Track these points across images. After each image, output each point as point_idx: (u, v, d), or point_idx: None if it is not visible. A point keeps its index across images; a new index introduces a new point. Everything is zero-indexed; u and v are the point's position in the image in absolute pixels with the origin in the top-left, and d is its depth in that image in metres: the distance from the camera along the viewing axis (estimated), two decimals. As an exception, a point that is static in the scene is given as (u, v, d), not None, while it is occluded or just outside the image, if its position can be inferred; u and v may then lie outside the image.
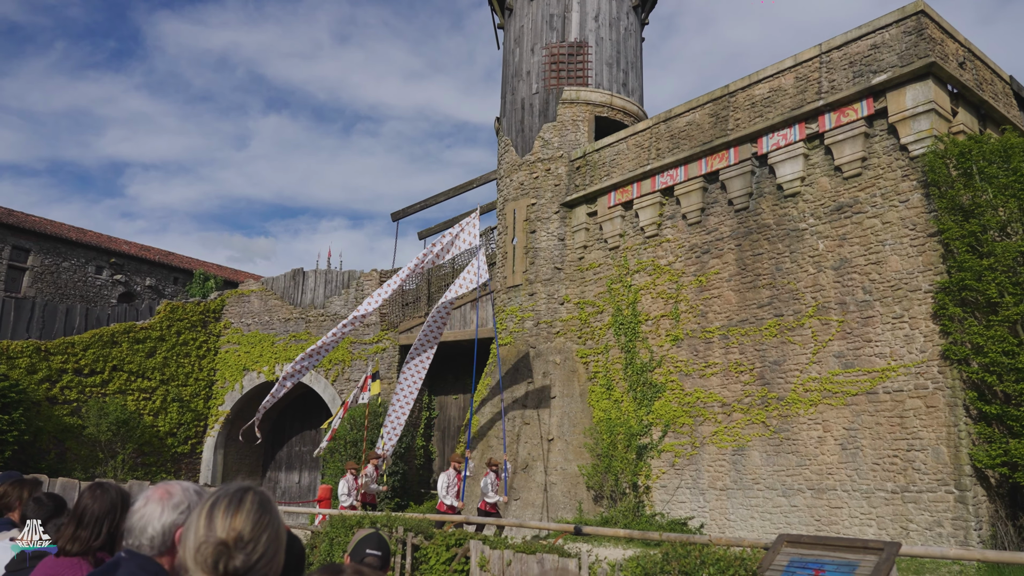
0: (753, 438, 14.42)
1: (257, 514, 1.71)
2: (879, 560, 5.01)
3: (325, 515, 14.73)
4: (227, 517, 1.69)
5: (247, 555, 1.65)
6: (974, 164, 11.86)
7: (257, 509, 1.72)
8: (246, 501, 1.73)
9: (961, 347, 11.86)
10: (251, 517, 1.70)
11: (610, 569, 6.48)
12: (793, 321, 14.24)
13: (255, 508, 1.72)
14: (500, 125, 21.59)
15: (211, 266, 35.01)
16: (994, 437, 11.40)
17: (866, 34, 13.82)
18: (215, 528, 1.67)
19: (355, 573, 1.56)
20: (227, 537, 1.66)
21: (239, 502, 1.72)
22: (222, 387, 24.53)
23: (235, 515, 1.69)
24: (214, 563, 1.62)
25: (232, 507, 1.71)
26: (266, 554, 1.69)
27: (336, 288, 24.09)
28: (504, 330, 19.58)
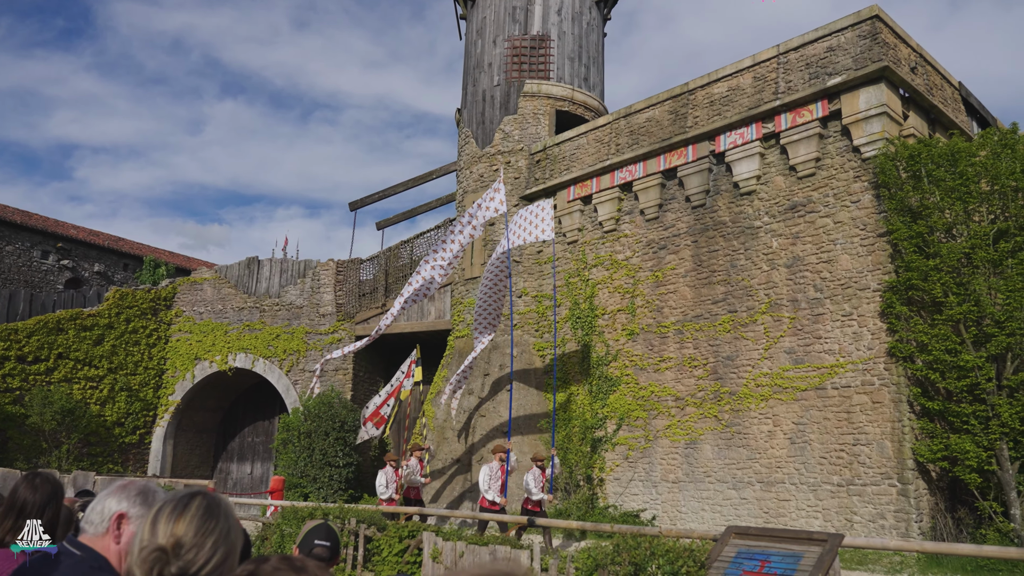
0: (705, 432, 14.64)
1: (202, 520, 1.71)
2: (823, 551, 5.12)
3: (277, 507, 14.57)
4: (169, 523, 1.69)
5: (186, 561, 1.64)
6: (923, 167, 12.17)
7: (202, 515, 1.72)
8: (191, 507, 1.72)
9: (907, 345, 12.18)
10: (194, 523, 1.69)
11: (562, 561, 6.52)
12: (746, 317, 14.47)
13: (200, 513, 1.72)
14: (461, 116, 21.50)
15: (163, 253, 34.27)
16: (936, 432, 11.74)
17: (822, 37, 14.07)
18: (157, 534, 1.68)
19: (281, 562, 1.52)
20: (166, 543, 1.66)
21: (183, 508, 1.72)
22: (173, 376, 24.06)
23: (177, 521, 1.69)
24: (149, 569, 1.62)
25: (175, 513, 1.71)
26: (212, 559, 1.68)
27: (292, 277, 23.78)
28: (461, 322, 19.55)
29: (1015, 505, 10.84)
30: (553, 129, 19.90)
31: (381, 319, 16.16)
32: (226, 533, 1.73)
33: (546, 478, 13.18)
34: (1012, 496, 10.88)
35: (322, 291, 23.03)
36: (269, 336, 23.22)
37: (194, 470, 24.25)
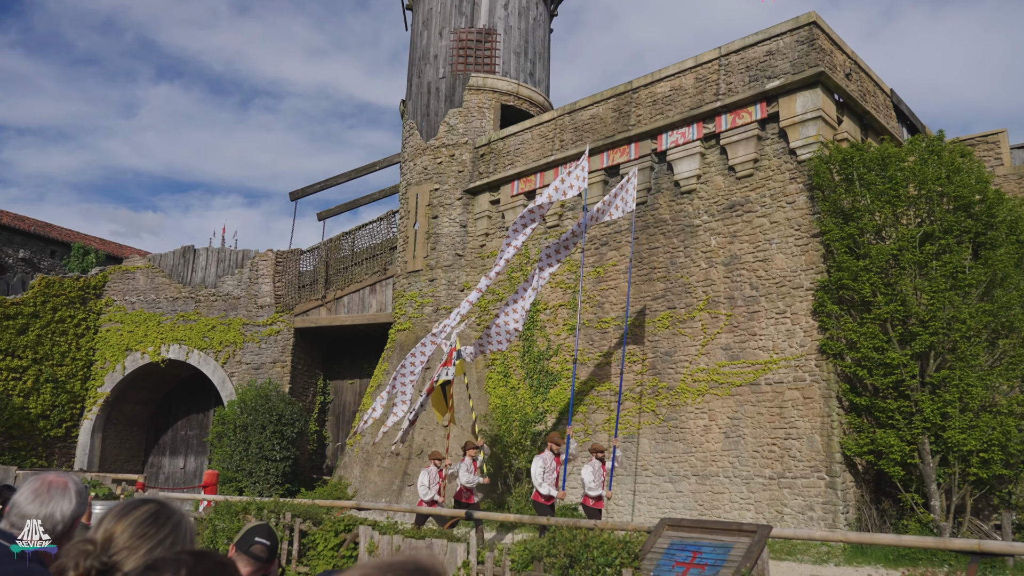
0: (643, 426, 14.86)
1: (142, 525, 1.72)
2: (752, 542, 5.25)
3: (210, 501, 14.25)
4: (111, 521, 1.72)
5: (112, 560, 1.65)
6: (855, 171, 12.56)
7: (145, 520, 1.73)
8: (137, 511, 1.75)
9: (837, 342, 12.57)
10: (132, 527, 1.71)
11: (498, 554, 6.54)
12: (685, 314, 14.72)
13: (143, 519, 1.73)
14: (405, 108, 21.32)
15: (93, 240, 33.09)
16: (863, 427, 12.16)
17: (762, 40, 14.38)
18: (97, 531, 1.70)
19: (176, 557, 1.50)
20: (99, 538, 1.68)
21: (129, 511, 1.75)
22: (102, 368, 23.27)
23: (119, 521, 1.71)
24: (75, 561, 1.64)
25: (119, 515, 1.74)
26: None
27: (229, 267, 23.24)
28: (403, 315, 19.42)
29: (935, 497, 11.30)
30: (498, 123, 19.89)
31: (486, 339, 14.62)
32: (167, 544, 1.72)
33: (607, 472, 12.13)
34: (932, 488, 11.34)
35: (260, 282, 22.58)
36: (205, 327, 22.67)
37: (123, 464, 23.53)
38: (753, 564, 5.25)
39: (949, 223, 11.82)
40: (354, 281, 21.47)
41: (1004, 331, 11.71)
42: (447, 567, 6.75)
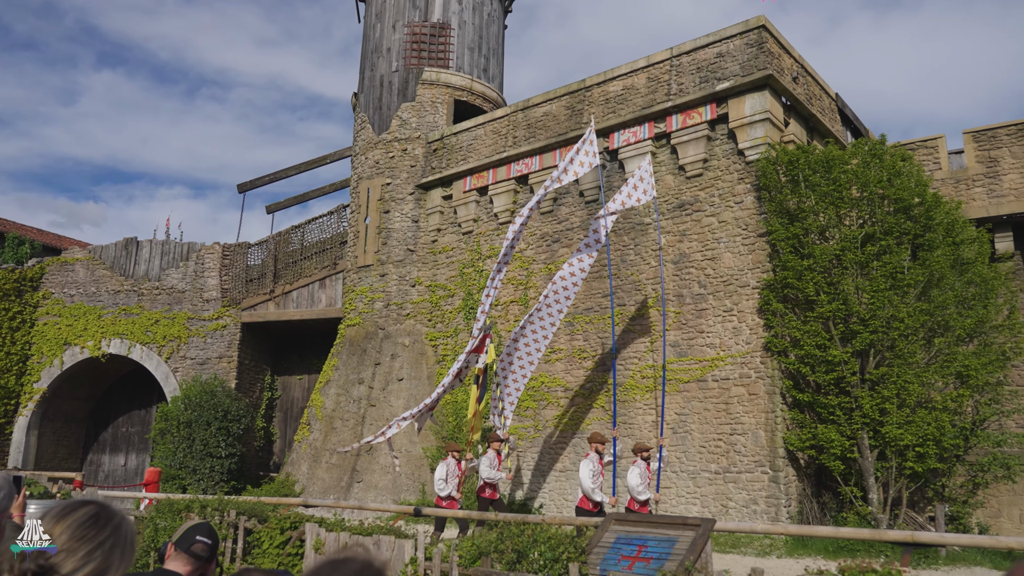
0: (593, 422, 14.97)
1: (82, 527, 1.69)
2: (696, 535, 5.33)
3: (152, 499, 13.91)
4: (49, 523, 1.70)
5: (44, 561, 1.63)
6: (800, 172, 12.84)
7: (85, 522, 1.70)
8: (76, 513, 1.72)
9: (781, 340, 12.85)
10: (71, 529, 1.68)
11: (446, 549, 6.52)
12: (634, 311, 14.88)
13: (82, 521, 1.70)
14: (357, 101, 21.08)
15: (30, 230, 31.96)
16: (805, 423, 12.45)
17: (713, 42, 14.59)
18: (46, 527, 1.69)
19: None
20: None
21: (68, 513, 1.72)
22: (39, 362, 22.51)
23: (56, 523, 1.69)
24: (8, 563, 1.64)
25: (58, 516, 1.71)
26: (82, 569, 1.65)
27: (174, 260, 22.70)
28: (353, 310, 19.22)
29: (873, 490, 11.64)
30: (451, 118, 19.81)
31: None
32: (107, 547, 1.70)
33: (652, 473, 11.48)
34: (870, 482, 11.68)
35: (206, 275, 22.10)
36: (148, 321, 22.10)
37: (61, 462, 22.81)
38: (697, 557, 5.33)
39: (889, 225, 12.17)
40: (303, 275, 21.17)
41: (940, 330, 12.11)
42: (394, 563, 6.71)
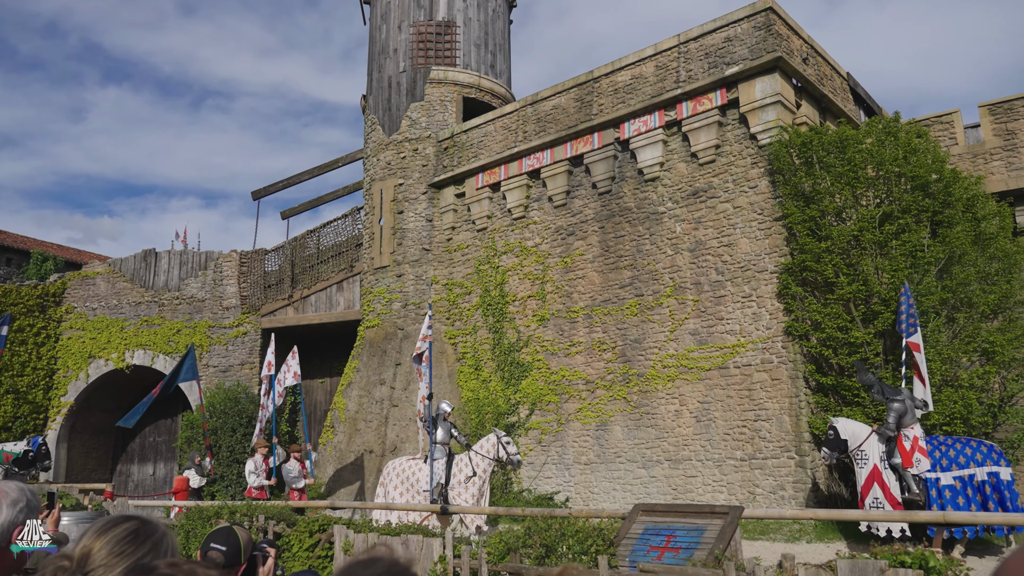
0: (615, 413, 14.95)
1: (122, 544, 1.73)
2: (724, 523, 5.31)
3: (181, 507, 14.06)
4: (90, 538, 1.73)
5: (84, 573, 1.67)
6: (814, 154, 12.73)
7: (124, 538, 1.73)
8: (117, 529, 1.75)
9: (802, 324, 12.76)
10: (110, 544, 1.72)
11: (475, 546, 6.54)
12: (652, 301, 14.83)
13: (123, 536, 1.74)
14: (366, 103, 21.13)
15: (51, 246, 32.34)
16: (830, 406, 12.36)
17: (720, 27, 14.48)
18: (76, 547, 1.72)
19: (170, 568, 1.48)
20: (77, 554, 1.70)
21: (108, 528, 1.75)
22: (64, 376, 22.79)
23: (98, 538, 1.72)
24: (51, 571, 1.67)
25: (98, 532, 1.75)
26: None
27: (192, 270, 22.88)
28: (371, 312, 19.30)
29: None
30: (460, 116, 19.81)
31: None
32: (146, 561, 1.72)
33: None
34: (898, 463, 11.56)
35: (225, 283, 22.26)
36: (169, 331, 22.30)
37: (91, 474, 23.08)
38: (726, 545, 5.31)
39: (907, 203, 12.03)
40: (321, 279, 21.27)
41: (963, 307, 11.97)
42: (423, 561, 6.74)
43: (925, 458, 9.58)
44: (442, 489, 11.91)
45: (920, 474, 9.63)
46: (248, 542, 2.91)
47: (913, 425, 9.87)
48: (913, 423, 9.86)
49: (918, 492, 9.56)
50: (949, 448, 9.69)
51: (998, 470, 9.30)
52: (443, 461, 12.23)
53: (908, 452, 9.63)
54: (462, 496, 11.77)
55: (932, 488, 9.52)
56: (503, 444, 12.04)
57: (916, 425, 9.88)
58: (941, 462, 9.66)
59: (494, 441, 12.17)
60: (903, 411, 9.88)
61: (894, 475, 9.84)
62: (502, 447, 12.03)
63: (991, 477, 9.29)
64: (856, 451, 10.10)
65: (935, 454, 9.67)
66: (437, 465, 12.19)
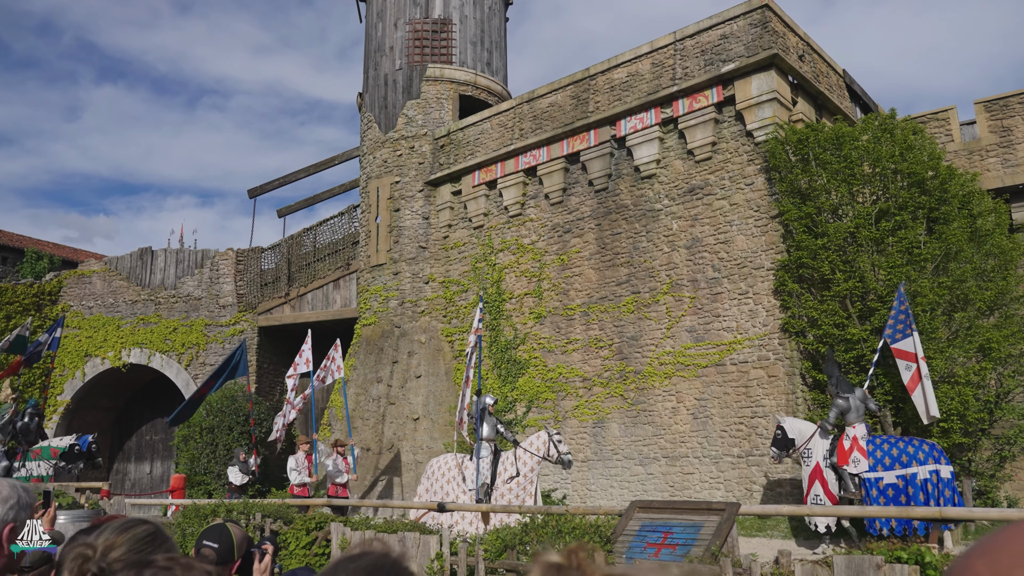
0: (612, 411, 14.96)
1: (141, 543, 1.83)
2: (721, 520, 5.31)
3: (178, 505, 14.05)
4: (112, 533, 1.84)
5: (105, 565, 1.73)
6: (811, 151, 12.73)
7: (144, 539, 1.85)
8: (136, 529, 1.88)
9: (798, 320, 12.77)
10: (132, 542, 1.82)
11: (471, 543, 6.54)
12: (649, 298, 14.83)
13: (143, 536, 1.86)
14: (363, 101, 21.10)
15: (46, 244, 32.28)
16: (826, 403, 12.36)
17: (716, 24, 14.48)
18: (99, 539, 1.81)
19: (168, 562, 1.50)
20: (101, 545, 1.78)
21: (129, 528, 1.88)
22: (61, 375, 22.75)
23: (120, 535, 1.83)
24: (73, 563, 1.74)
25: (120, 530, 1.87)
26: None
27: (189, 268, 22.84)
28: (368, 310, 19.28)
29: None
30: (457, 114, 19.79)
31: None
32: None
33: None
34: (894, 459, 11.59)
35: (221, 281, 22.23)
36: (166, 330, 22.26)
37: (87, 472, 23.03)
38: (723, 542, 5.31)
39: (904, 199, 12.04)
40: (317, 277, 21.25)
41: (960, 304, 11.99)
42: (420, 559, 6.73)
43: (864, 458, 9.80)
44: (488, 489, 11.22)
45: (859, 473, 9.84)
46: (242, 539, 2.89)
47: (856, 424, 10.10)
48: (857, 422, 10.10)
49: (854, 491, 9.81)
50: (892, 447, 9.92)
51: (939, 468, 9.55)
52: (489, 459, 11.52)
53: (846, 451, 9.90)
54: (505, 497, 11.03)
55: (873, 487, 9.75)
56: (554, 442, 11.26)
57: (860, 425, 10.14)
58: (884, 461, 9.86)
59: (544, 438, 11.39)
60: (846, 408, 10.17)
61: (834, 473, 10.06)
62: (552, 445, 11.25)
63: (932, 475, 9.49)
64: (803, 449, 10.42)
65: (877, 454, 9.90)
66: (483, 463, 11.44)
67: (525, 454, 11.31)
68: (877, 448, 9.98)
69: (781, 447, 10.57)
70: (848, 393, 10.38)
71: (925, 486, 9.50)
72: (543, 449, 11.32)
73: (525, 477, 11.16)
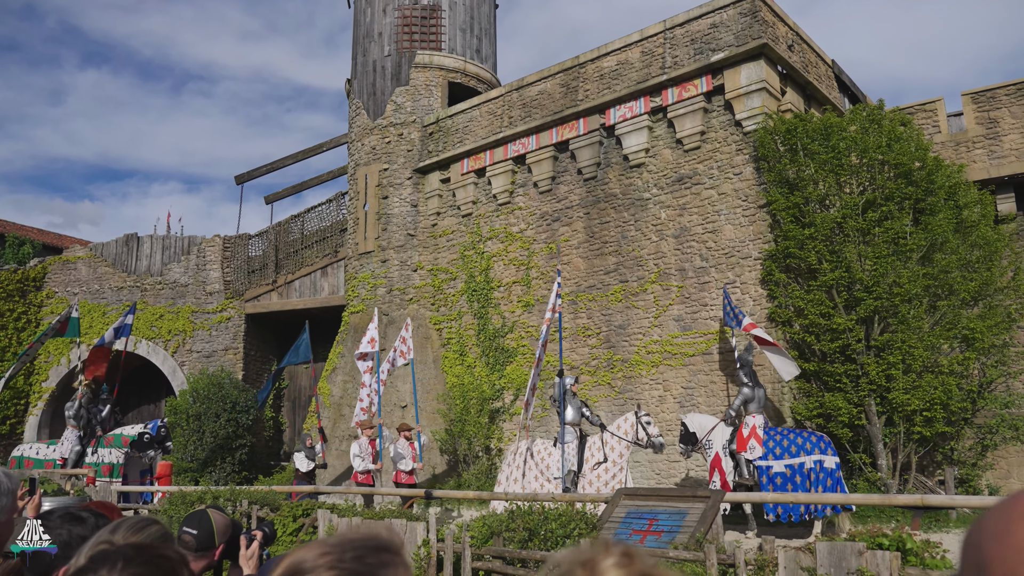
0: (599, 399, 15.00)
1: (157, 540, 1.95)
2: (706, 507, 5.35)
3: (164, 492, 14.02)
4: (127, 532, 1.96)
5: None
6: (799, 141, 12.76)
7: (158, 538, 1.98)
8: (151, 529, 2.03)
9: (785, 310, 12.83)
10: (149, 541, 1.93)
11: (458, 530, 6.56)
12: (637, 287, 14.86)
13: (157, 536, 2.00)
14: (351, 87, 20.96)
15: (29, 230, 31.96)
16: (812, 392, 12.46)
17: (706, 13, 14.45)
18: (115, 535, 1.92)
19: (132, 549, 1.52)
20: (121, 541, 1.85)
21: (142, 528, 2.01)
22: (46, 362, 22.60)
23: (135, 534, 1.96)
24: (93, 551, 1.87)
25: (136, 529, 1.99)
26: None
27: (175, 254, 22.70)
28: (356, 297, 19.23)
29: (881, 456, 11.67)
30: (446, 101, 19.69)
31: None
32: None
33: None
34: (879, 448, 11.70)
35: (208, 268, 22.11)
36: (152, 316, 22.14)
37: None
38: (708, 528, 5.35)
39: (890, 190, 12.10)
40: (305, 264, 21.17)
41: (944, 294, 12.08)
42: (407, 545, 6.75)
43: (759, 446, 10.35)
44: (574, 477, 10.58)
45: (753, 460, 10.36)
46: (225, 525, 2.87)
47: (756, 414, 10.78)
48: (757, 412, 10.82)
49: (748, 477, 10.37)
50: (783, 438, 10.44)
51: (823, 458, 10.02)
52: (574, 444, 10.81)
53: (744, 439, 10.47)
54: (594, 485, 10.41)
55: (763, 475, 10.31)
56: (643, 424, 10.63)
57: (759, 415, 10.79)
58: (775, 451, 10.37)
59: (632, 421, 10.75)
60: (750, 398, 10.89)
61: (732, 461, 10.59)
62: (642, 427, 10.61)
63: (816, 465, 9.97)
64: (705, 440, 10.96)
65: (769, 443, 10.42)
66: (568, 448, 10.70)
67: (612, 438, 10.64)
68: (771, 438, 10.54)
69: (686, 442, 11.08)
70: (750, 384, 11.07)
71: (809, 475, 10.00)
72: (631, 432, 10.67)
73: (614, 464, 10.46)
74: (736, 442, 10.59)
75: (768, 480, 10.17)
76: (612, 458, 10.53)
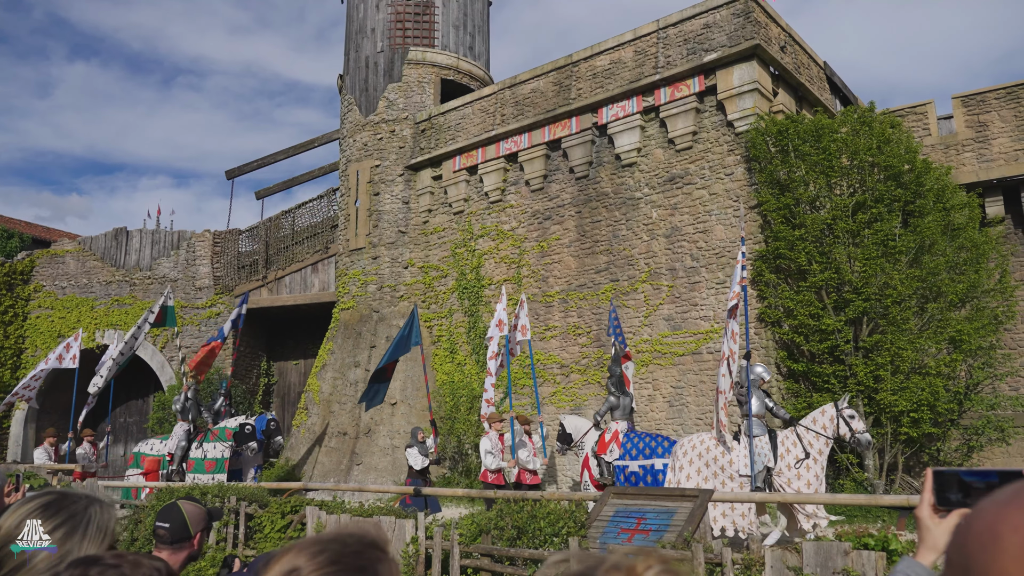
0: (589, 397, 15.03)
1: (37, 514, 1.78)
2: (694, 506, 5.37)
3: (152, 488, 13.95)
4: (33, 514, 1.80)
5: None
6: (790, 142, 12.81)
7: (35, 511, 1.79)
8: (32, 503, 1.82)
9: (774, 311, 12.88)
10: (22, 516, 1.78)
11: (446, 528, 6.56)
12: (627, 286, 14.89)
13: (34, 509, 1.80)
14: (343, 83, 20.90)
15: (17, 223, 31.72)
16: (800, 392, 12.52)
17: (699, 13, 14.48)
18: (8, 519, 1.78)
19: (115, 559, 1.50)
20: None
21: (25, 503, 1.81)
22: (33, 356, 22.44)
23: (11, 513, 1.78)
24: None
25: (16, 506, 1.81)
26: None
27: (165, 249, 22.58)
28: (347, 294, 19.19)
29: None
30: (439, 98, 19.67)
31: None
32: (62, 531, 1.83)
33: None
34: (865, 449, 11.76)
35: (198, 263, 22.01)
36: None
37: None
38: (696, 527, 5.37)
39: (880, 192, 12.17)
40: (295, 260, 21.10)
41: (932, 296, 12.16)
42: (396, 543, 6.74)
43: (617, 448, 11.21)
44: (767, 475, 9.47)
45: (612, 461, 11.16)
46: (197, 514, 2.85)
47: (620, 420, 11.59)
48: (622, 419, 11.64)
49: (607, 476, 11.19)
50: (640, 440, 11.18)
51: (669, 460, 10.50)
52: (765, 439, 9.55)
53: (606, 443, 11.32)
54: (793, 484, 9.29)
55: (620, 473, 11.10)
56: (845, 418, 9.28)
57: (623, 422, 11.62)
58: (631, 452, 11.10)
59: (832, 415, 9.39)
60: (615, 405, 11.77)
61: (595, 460, 11.46)
62: (844, 422, 9.27)
63: (664, 467, 10.52)
64: (579, 442, 11.92)
65: (627, 445, 11.20)
66: (759, 443, 9.45)
67: (808, 433, 9.49)
68: (629, 440, 11.26)
69: (563, 441, 12.13)
70: (617, 393, 11.83)
71: (658, 475, 10.64)
72: (830, 428, 9.37)
73: (816, 461, 9.31)
74: (598, 445, 11.46)
75: (625, 479, 11.03)
76: (812, 454, 9.32)
